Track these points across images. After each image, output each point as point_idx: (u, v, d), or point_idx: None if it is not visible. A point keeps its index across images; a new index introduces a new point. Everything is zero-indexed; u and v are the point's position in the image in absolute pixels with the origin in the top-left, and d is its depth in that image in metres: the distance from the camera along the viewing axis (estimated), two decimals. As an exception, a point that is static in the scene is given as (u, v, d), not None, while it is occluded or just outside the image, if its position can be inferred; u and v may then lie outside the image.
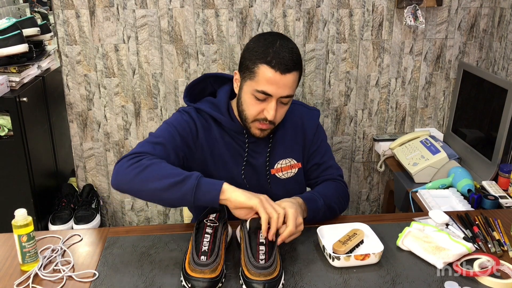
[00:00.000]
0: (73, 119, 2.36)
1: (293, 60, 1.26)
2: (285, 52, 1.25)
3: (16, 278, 1.16)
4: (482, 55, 2.41)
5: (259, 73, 1.26)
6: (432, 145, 2.15)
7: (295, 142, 1.46)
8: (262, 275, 1.09)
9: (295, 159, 1.47)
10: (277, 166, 1.45)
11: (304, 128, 1.48)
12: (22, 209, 1.18)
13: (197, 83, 1.46)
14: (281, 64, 1.24)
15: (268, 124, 1.32)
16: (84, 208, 2.33)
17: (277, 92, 1.26)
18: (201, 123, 1.39)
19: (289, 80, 1.26)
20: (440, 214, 1.36)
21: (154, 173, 1.20)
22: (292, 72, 1.26)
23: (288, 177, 1.47)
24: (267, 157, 1.43)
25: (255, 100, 1.29)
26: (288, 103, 1.33)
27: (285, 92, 1.27)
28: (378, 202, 2.65)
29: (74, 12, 2.21)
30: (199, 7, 2.23)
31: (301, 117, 1.48)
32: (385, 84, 2.43)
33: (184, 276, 1.11)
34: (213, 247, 1.15)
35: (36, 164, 2.20)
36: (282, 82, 1.25)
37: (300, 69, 1.30)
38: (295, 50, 1.28)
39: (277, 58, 1.24)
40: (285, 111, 1.34)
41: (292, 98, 1.32)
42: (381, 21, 2.32)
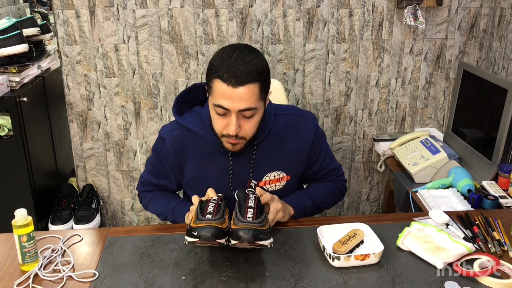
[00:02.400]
0: (73, 119, 2.36)
1: (248, 73, 1.21)
2: (239, 65, 1.22)
3: (16, 278, 1.16)
4: (482, 55, 2.41)
5: (214, 88, 1.24)
6: (432, 145, 2.15)
7: (285, 155, 1.43)
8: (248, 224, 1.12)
9: (284, 172, 1.45)
10: (265, 179, 1.43)
11: (298, 139, 1.43)
12: (22, 209, 1.18)
13: (187, 92, 1.45)
14: (234, 77, 1.21)
15: (236, 139, 1.29)
16: (84, 208, 2.33)
17: (233, 106, 1.23)
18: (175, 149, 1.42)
19: (243, 93, 1.21)
20: (440, 214, 1.36)
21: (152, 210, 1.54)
22: (246, 84, 1.21)
23: (276, 189, 1.45)
24: (251, 169, 1.41)
25: (217, 115, 1.28)
26: (254, 116, 1.28)
27: (242, 105, 1.23)
28: (378, 202, 2.65)
29: (74, 12, 2.21)
30: (199, 7, 2.23)
31: (294, 127, 1.43)
32: (385, 84, 2.43)
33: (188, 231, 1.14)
34: (218, 210, 1.18)
35: (36, 164, 2.20)
36: (236, 96, 1.22)
37: (261, 80, 1.24)
38: (253, 61, 1.24)
39: (229, 72, 1.21)
40: (254, 125, 1.29)
41: (257, 110, 1.27)
42: (381, 21, 2.32)
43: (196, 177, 1.44)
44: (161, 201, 1.52)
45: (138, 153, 2.43)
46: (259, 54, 1.28)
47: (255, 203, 1.20)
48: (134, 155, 2.43)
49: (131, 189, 2.50)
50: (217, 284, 1.14)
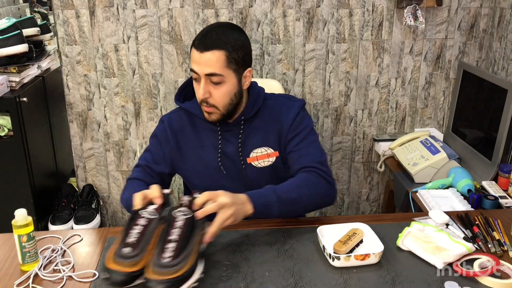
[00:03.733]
0: (73, 119, 2.36)
1: (215, 40, 1.33)
2: (211, 34, 1.35)
3: (16, 278, 1.16)
4: (482, 55, 2.41)
5: (191, 55, 1.38)
6: (432, 145, 2.15)
7: (271, 132, 1.49)
8: (161, 273, 0.99)
9: (272, 148, 1.49)
10: (253, 155, 1.48)
11: (281, 117, 1.49)
12: (22, 209, 1.18)
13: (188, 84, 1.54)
14: (202, 43, 1.33)
15: (209, 107, 1.39)
16: (84, 208, 2.33)
17: (200, 70, 1.34)
18: (171, 126, 1.50)
19: (209, 58, 1.32)
20: (440, 214, 1.36)
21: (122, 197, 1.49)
22: (212, 50, 1.32)
23: (265, 165, 1.49)
24: (239, 146, 1.47)
25: (195, 82, 1.40)
26: (221, 84, 1.36)
27: (207, 69, 1.33)
28: (378, 202, 2.65)
29: (74, 12, 2.21)
30: (199, 7, 2.23)
31: (279, 107, 1.51)
32: (385, 84, 2.43)
33: (103, 266, 1.06)
34: (141, 240, 1.06)
35: (36, 164, 2.20)
36: (202, 60, 1.33)
37: (228, 49, 1.34)
38: (226, 33, 1.35)
39: (199, 39, 1.35)
40: (222, 94, 1.37)
41: (223, 77, 1.35)
42: (381, 21, 2.32)
43: (191, 155, 1.49)
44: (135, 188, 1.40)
45: (138, 153, 2.43)
46: (237, 31, 1.39)
47: (181, 233, 1.07)
48: (134, 155, 2.43)
49: (131, 189, 2.50)
50: (217, 284, 1.14)
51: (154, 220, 1.12)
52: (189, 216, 1.11)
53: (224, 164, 1.48)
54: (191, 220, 1.11)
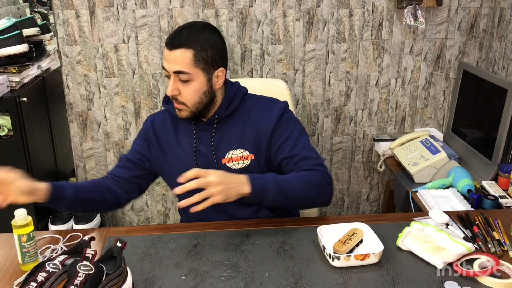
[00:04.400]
0: (73, 119, 2.36)
1: (184, 39, 1.36)
2: (181, 33, 1.37)
3: (16, 278, 1.16)
4: (482, 55, 2.41)
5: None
6: (432, 145, 2.15)
7: (248, 134, 1.46)
8: None
9: (247, 150, 1.46)
10: (228, 156, 1.48)
11: (260, 120, 1.46)
12: (22, 209, 1.18)
13: None
14: (171, 41, 1.37)
15: (178, 103, 1.41)
16: (84, 208, 2.33)
17: (168, 67, 1.38)
18: (154, 126, 1.54)
19: (176, 56, 1.35)
20: (440, 214, 1.36)
21: None
22: (180, 48, 1.35)
23: (240, 167, 1.47)
24: (212, 145, 1.48)
25: (167, 80, 1.45)
26: (189, 82, 1.38)
27: (175, 67, 1.36)
28: (378, 202, 2.65)
29: (74, 12, 2.21)
30: (199, 7, 2.23)
31: (258, 111, 1.48)
32: (385, 84, 2.43)
33: None
34: None
35: (36, 164, 2.20)
36: (170, 58, 1.37)
37: (196, 49, 1.35)
38: (197, 32, 1.37)
39: (171, 37, 1.38)
40: (191, 91, 1.39)
41: (190, 75, 1.36)
42: (381, 21, 2.32)
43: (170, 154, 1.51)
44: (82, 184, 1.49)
45: (138, 153, 2.43)
46: (209, 30, 1.40)
47: None
48: (134, 155, 2.43)
49: (131, 189, 2.50)
50: (217, 284, 1.14)
51: (54, 274, 1.02)
52: (88, 272, 1.01)
53: (200, 164, 1.47)
54: (93, 276, 1.02)
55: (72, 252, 1.08)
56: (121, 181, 1.49)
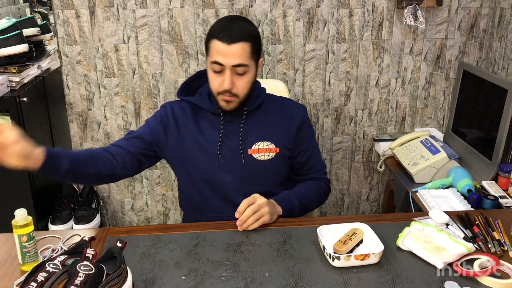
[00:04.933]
0: (73, 119, 2.36)
1: (240, 33, 1.38)
2: (233, 27, 1.39)
3: (16, 278, 1.16)
4: (482, 55, 2.41)
5: (211, 48, 1.41)
6: (432, 145, 2.15)
7: (276, 128, 1.53)
8: None
9: (274, 143, 1.52)
10: (255, 147, 1.51)
11: (286, 117, 1.54)
12: (22, 209, 1.18)
13: (193, 80, 1.59)
14: (228, 36, 1.37)
15: (231, 96, 1.42)
16: (84, 208, 2.33)
17: (227, 61, 1.38)
18: (174, 113, 1.53)
19: (236, 49, 1.37)
20: (440, 214, 1.36)
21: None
22: (239, 42, 1.37)
23: (265, 159, 1.51)
24: (240, 136, 1.50)
25: (214, 73, 1.42)
26: (246, 74, 1.41)
27: (234, 61, 1.38)
28: (378, 202, 2.65)
29: (74, 12, 2.21)
30: (199, 7, 2.23)
31: (284, 107, 1.56)
32: (385, 84, 2.43)
33: None
34: None
35: (36, 164, 2.20)
36: (230, 52, 1.37)
37: (252, 41, 1.40)
38: (246, 25, 1.41)
39: (224, 32, 1.38)
40: (245, 83, 1.42)
41: (248, 67, 1.40)
42: (381, 21, 2.32)
43: (189, 141, 1.51)
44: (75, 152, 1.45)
45: (138, 153, 2.43)
46: (251, 23, 1.45)
47: None
48: (134, 155, 2.43)
49: (131, 189, 2.50)
50: (217, 284, 1.14)
51: (55, 274, 1.02)
52: (89, 273, 1.01)
53: (223, 154, 1.50)
54: (93, 276, 1.01)
55: (72, 252, 1.08)
56: (125, 154, 1.48)
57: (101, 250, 1.28)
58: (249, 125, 1.51)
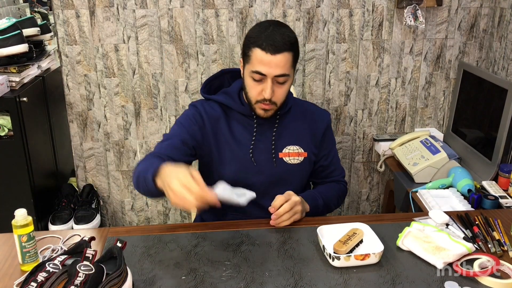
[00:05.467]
0: (73, 119, 2.36)
1: (284, 42, 1.36)
2: (276, 36, 1.36)
3: (16, 278, 1.16)
4: (482, 55, 2.41)
5: (253, 56, 1.39)
6: (432, 145, 2.15)
7: (303, 133, 1.55)
8: None
9: (302, 148, 1.54)
10: (285, 151, 1.53)
11: (314, 122, 1.57)
12: (22, 209, 1.18)
13: (215, 78, 1.59)
14: (272, 45, 1.35)
15: (270, 104, 1.42)
16: (84, 208, 2.33)
17: (269, 72, 1.37)
18: (207, 113, 1.51)
19: (280, 60, 1.36)
20: (440, 214, 1.36)
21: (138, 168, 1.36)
22: (283, 52, 1.36)
23: (294, 163, 1.54)
24: (273, 139, 1.51)
25: (253, 82, 1.41)
26: (286, 83, 1.41)
27: (277, 71, 1.37)
28: (378, 202, 2.65)
29: (74, 12, 2.21)
30: (199, 7, 2.23)
31: (311, 112, 1.59)
32: (385, 84, 2.43)
33: None
34: None
35: (36, 164, 2.20)
36: (273, 62, 1.36)
37: (294, 50, 1.40)
38: (287, 33, 1.39)
39: (267, 41, 1.36)
40: (284, 91, 1.43)
41: (289, 77, 1.41)
42: (381, 21, 2.32)
43: (223, 144, 1.51)
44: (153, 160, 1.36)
45: (138, 153, 2.43)
46: (290, 29, 1.44)
47: None
48: (134, 155, 2.44)
49: (131, 189, 2.50)
50: (217, 284, 1.14)
51: (55, 274, 1.01)
52: (89, 273, 1.01)
53: (255, 157, 1.51)
54: (93, 276, 1.01)
55: (72, 252, 1.08)
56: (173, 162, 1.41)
57: (101, 250, 1.28)
58: (281, 129, 1.53)
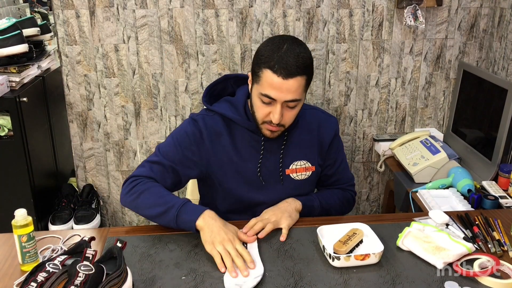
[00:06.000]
0: (73, 119, 2.36)
1: (297, 66, 1.27)
2: (289, 57, 1.26)
3: (16, 278, 1.17)
4: (482, 55, 2.41)
5: (263, 78, 1.29)
6: (432, 145, 2.15)
7: (310, 146, 1.49)
8: None
9: (310, 162, 1.49)
10: (292, 167, 1.47)
11: (321, 133, 1.50)
12: (22, 209, 1.18)
13: (218, 83, 1.51)
14: (284, 69, 1.25)
15: (277, 127, 1.35)
16: (84, 208, 2.33)
17: (280, 96, 1.28)
18: (208, 129, 1.43)
19: (292, 85, 1.27)
20: (440, 214, 1.36)
21: (145, 201, 1.32)
22: (296, 77, 1.27)
23: (301, 179, 1.49)
24: (281, 157, 1.45)
25: (261, 103, 1.33)
26: (296, 106, 1.34)
27: (288, 96, 1.29)
28: (378, 202, 2.65)
29: (74, 12, 2.21)
30: (199, 7, 2.23)
31: (318, 122, 1.51)
32: (385, 84, 2.43)
33: None
34: None
35: (36, 164, 2.20)
36: (285, 87, 1.27)
37: (308, 73, 1.31)
38: (302, 55, 1.29)
39: (280, 63, 1.26)
40: (294, 114, 1.36)
41: (300, 101, 1.34)
42: (381, 21, 2.32)
43: (227, 162, 1.43)
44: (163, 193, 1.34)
45: (138, 153, 2.43)
46: (305, 47, 1.33)
47: None
48: (134, 155, 2.44)
49: (131, 189, 2.49)
50: (217, 284, 1.14)
51: (55, 274, 1.01)
52: (89, 273, 1.01)
53: (263, 175, 1.45)
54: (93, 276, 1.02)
55: (72, 252, 1.08)
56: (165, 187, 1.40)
57: (101, 250, 1.28)
58: (288, 145, 1.46)
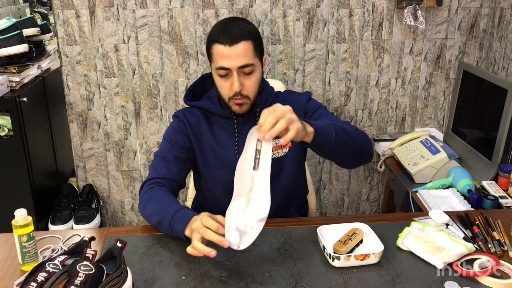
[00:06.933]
0: (73, 119, 2.36)
1: (241, 32, 1.35)
2: (232, 27, 1.36)
3: (16, 278, 1.16)
4: (482, 55, 2.41)
5: (214, 53, 1.38)
6: (432, 145, 2.15)
7: None
8: None
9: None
10: None
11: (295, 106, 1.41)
12: (22, 209, 1.18)
13: (198, 84, 1.58)
14: (229, 37, 1.34)
15: (242, 98, 1.40)
16: (84, 208, 2.33)
17: (231, 64, 1.35)
18: (188, 121, 1.51)
19: (239, 49, 1.34)
20: (440, 214, 1.36)
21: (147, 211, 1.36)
22: (241, 42, 1.34)
23: (278, 156, 1.51)
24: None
25: (221, 79, 1.40)
26: (253, 73, 1.39)
27: (239, 62, 1.35)
28: (378, 202, 2.65)
29: (74, 12, 2.21)
30: (199, 7, 2.23)
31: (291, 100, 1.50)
32: (385, 84, 2.43)
33: None
34: None
35: (36, 164, 2.20)
36: (233, 53, 1.34)
37: (253, 39, 1.37)
38: (244, 24, 1.38)
39: (224, 34, 1.35)
40: (253, 82, 1.40)
41: (254, 66, 1.38)
42: (381, 21, 2.32)
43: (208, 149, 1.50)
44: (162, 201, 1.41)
45: (138, 153, 2.43)
46: (249, 21, 1.43)
47: None
48: (134, 155, 2.44)
49: (131, 189, 2.50)
50: (217, 284, 1.14)
51: (55, 274, 1.01)
52: (89, 273, 1.01)
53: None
54: (93, 276, 1.01)
55: (72, 252, 1.08)
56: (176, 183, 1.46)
57: (101, 250, 1.28)
58: None
